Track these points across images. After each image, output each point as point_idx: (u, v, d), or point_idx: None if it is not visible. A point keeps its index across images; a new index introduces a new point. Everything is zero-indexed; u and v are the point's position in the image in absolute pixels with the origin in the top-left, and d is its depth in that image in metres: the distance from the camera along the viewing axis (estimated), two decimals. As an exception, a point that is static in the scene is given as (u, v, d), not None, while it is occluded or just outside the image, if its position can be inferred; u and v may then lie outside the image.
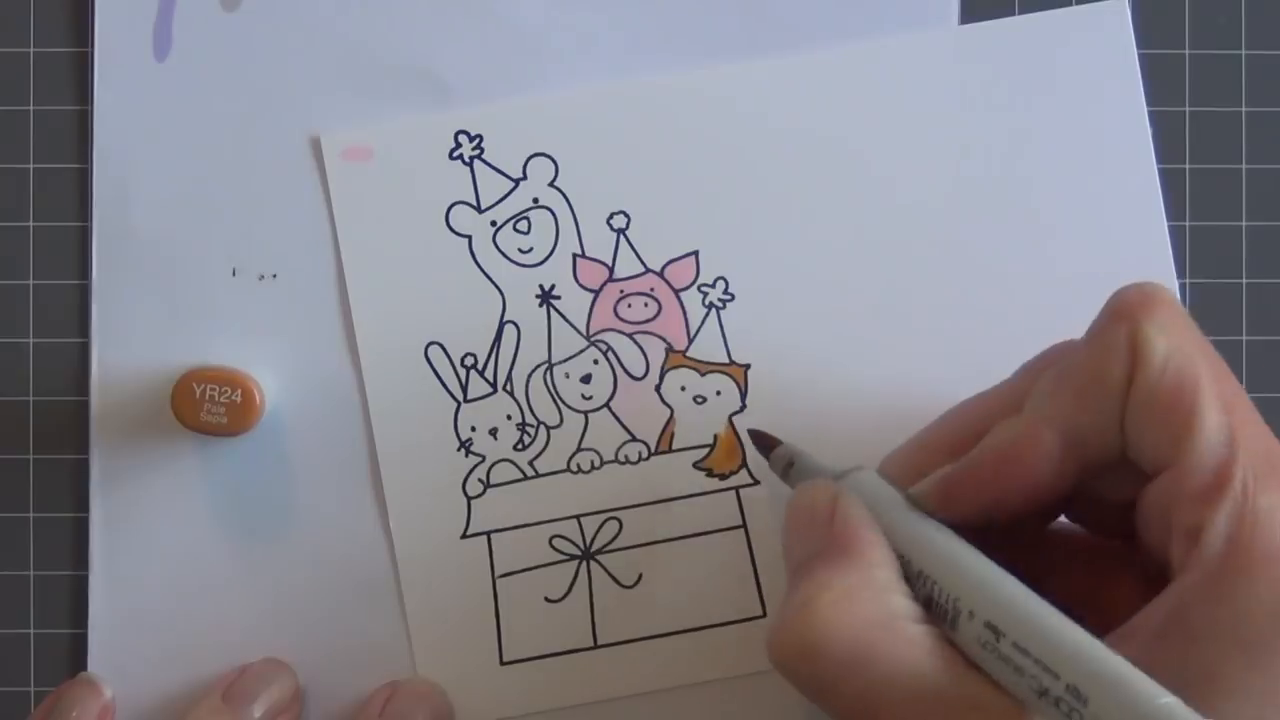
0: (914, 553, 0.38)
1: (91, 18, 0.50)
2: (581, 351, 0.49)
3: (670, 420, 0.49)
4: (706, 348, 0.49)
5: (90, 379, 0.49)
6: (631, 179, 0.49)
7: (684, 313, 0.49)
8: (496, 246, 0.49)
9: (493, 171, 0.49)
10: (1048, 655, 0.33)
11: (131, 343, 0.49)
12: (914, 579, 0.37)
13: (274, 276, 0.49)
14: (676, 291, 0.49)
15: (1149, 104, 0.49)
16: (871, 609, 0.36)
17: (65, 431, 0.50)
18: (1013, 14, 0.50)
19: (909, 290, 0.49)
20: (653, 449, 0.49)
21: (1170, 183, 0.49)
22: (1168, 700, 0.32)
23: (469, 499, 0.49)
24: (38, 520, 0.49)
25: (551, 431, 0.49)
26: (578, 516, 0.49)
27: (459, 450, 0.49)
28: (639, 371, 0.49)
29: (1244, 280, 0.50)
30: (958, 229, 0.49)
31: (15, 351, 0.50)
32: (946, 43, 0.50)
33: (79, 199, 0.50)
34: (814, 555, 0.38)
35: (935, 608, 0.36)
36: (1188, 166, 0.50)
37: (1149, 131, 0.49)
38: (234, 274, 0.49)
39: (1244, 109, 0.50)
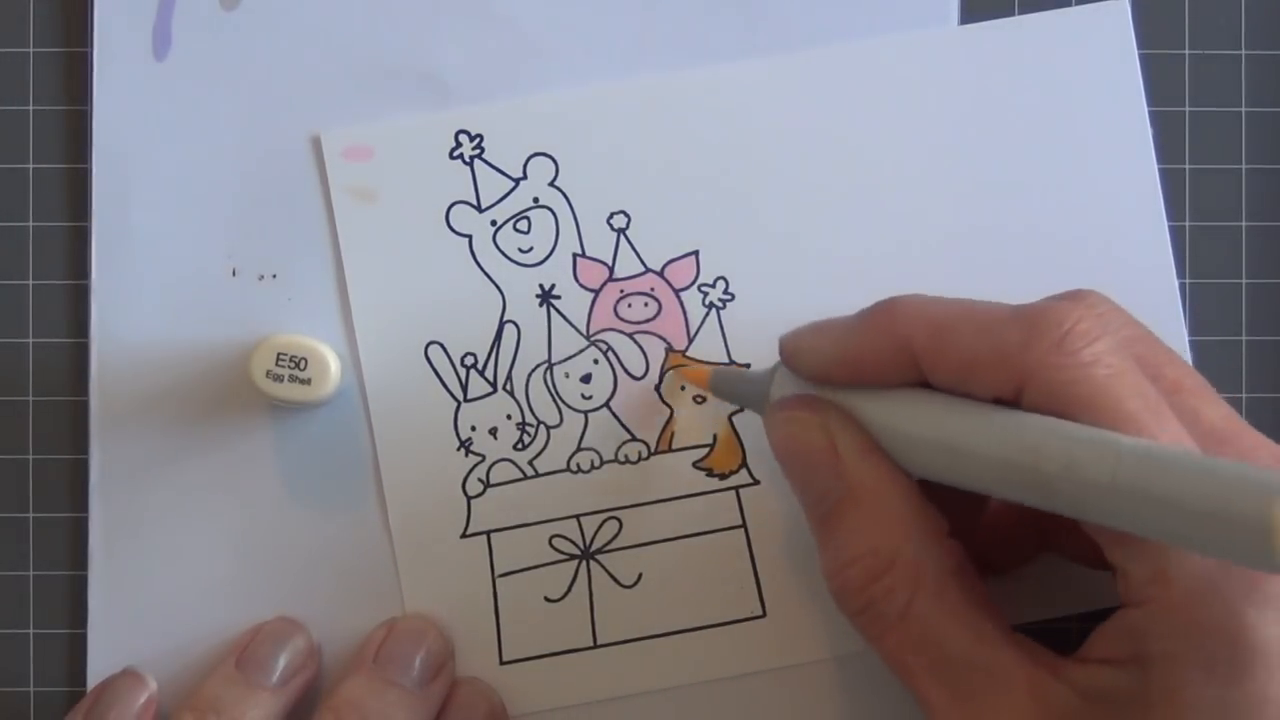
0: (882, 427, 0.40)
1: (91, 18, 0.50)
2: (581, 351, 0.49)
3: (670, 420, 0.49)
4: (706, 348, 0.49)
5: (90, 379, 0.49)
6: (632, 178, 0.49)
7: (684, 312, 0.49)
8: (496, 246, 0.49)
9: (493, 171, 0.49)
10: (1013, 466, 0.36)
11: (131, 343, 0.49)
12: (889, 446, 0.40)
13: (274, 277, 0.49)
14: (676, 291, 0.49)
15: (1149, 104, 0.49)
16: (923, 573, 0.39)
17: (65, 431, 0.50)
18: (1013, 14, 0.50)
19: (909, 289, 0.49)
20: (653, 449, 0.49)
21: (1170, 183, 0.49)
22: (1121, 449, 0.34)
23: (469, 498, 0.49)
24: (37, 520, 0.49)
25: (551, 431, 0.49)
26: (577, 516, 0.49)
27: (459, 450, 0.49)
28: (639, 371, 0.49)
29: (1244, 280, 0.50)
30: (957, 229, 0.49)
31: (15, 351, 0.50)
32: (946, 43, 0.50)
33: (79, 199, 0.50)
34: (838, 502, 0.41)
35: (915, 463, 0.40)
36: (1187, 166, 0.50)
37: (1149, 131, 0.49)
38: (234, 274, 0.49)
39: (1244, 109, 0.50)
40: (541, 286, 0.49)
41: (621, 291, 0.49)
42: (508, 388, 0.49)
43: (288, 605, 0.49)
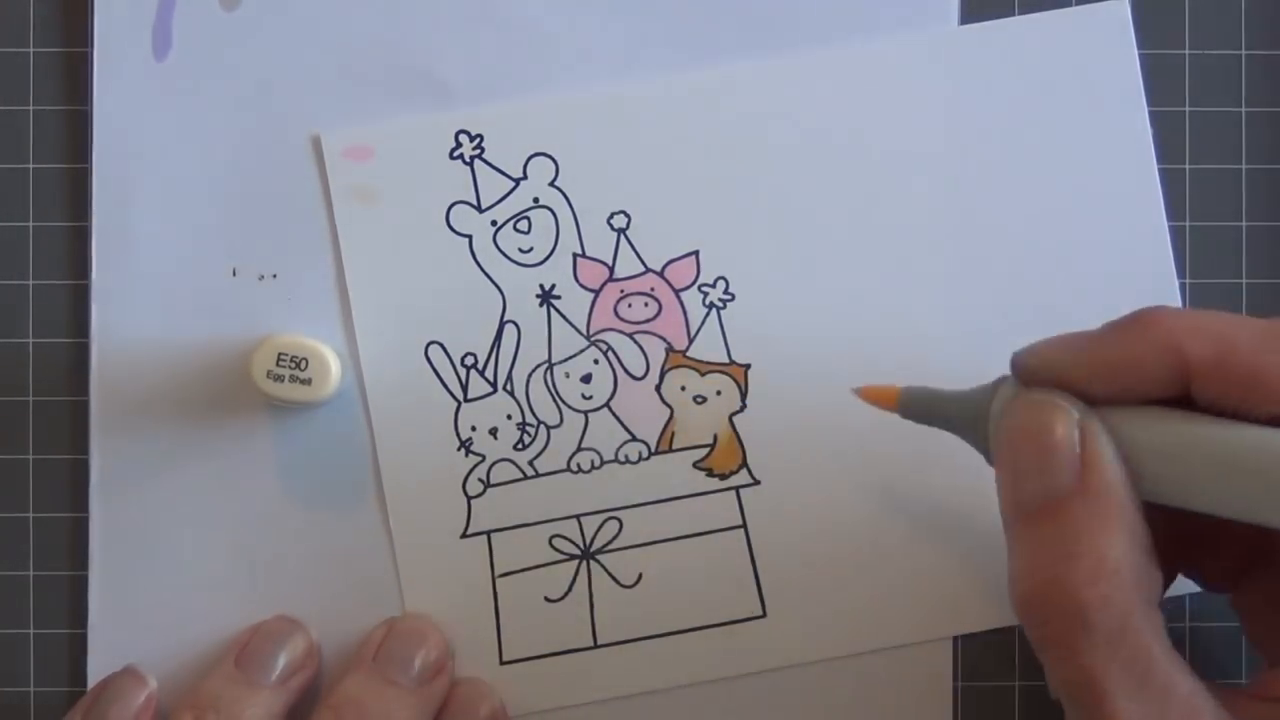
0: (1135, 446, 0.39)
1: (91, 18, 0.50)
2: (582, 351, 0.49)
3: (670, 420, 0.49)
4: (706, 348, 0.49)
5: (90, 379, 0.49)
6: (632, 179, 0.49)
7: (684, 312, 0.49)
8: (497, 246, 0.49)
9: (493, 171, 0.49)
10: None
11: (131, 343, 0.49)
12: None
13: (274, 276, 0.49)
14: (677, 291, 0.49)
15: (1149, 104, 0.49)
16: (1137, 592, 0.37)
17: (65, 431, 0.50)
18: (1013, 14, 0.50)
19: (909, 289, 0.49)
20: (653, 449, 0.49)
21: (1170, 183, 0.49)
22: None
23: (469, 498, 0.49)
24: (37, 520, 0.49)
25: (551, 431, 0.49)
26: (578, 516, 0.49)
27: (459, 450, 0.49)
28: (639, 371, 0.49)
29: (1244, 280, 0.50)
30: (957, 229, 0.49)
31: (15, 351, 0.50)
32: (946, 43, 0.50)
33: (79, 199, 0.50)
34: (1063, 499, 0.38)
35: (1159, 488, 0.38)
36: (1188, 166, 0.50)
37: (1149, 132, 0.49)
38: (234, 274, 0.49)
39: (1244, 109, 0.50)
40: (542, 286, 0.49)
41: (621, 291, 0.49)
42: (508, 388, 0.49)
43: (288, 605, 0.49)
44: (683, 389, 0.49)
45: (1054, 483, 0.38)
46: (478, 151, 0.49)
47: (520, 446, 0.49)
